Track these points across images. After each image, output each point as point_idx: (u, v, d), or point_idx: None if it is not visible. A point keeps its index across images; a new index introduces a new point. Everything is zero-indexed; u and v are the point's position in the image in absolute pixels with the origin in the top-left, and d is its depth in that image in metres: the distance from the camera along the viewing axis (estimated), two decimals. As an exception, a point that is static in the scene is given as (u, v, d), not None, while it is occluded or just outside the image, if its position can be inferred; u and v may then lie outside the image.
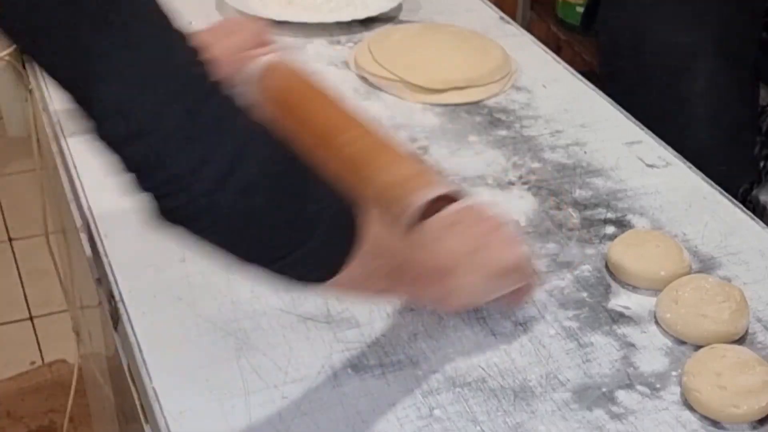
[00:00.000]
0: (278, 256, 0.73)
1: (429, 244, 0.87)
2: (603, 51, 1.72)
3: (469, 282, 0.89)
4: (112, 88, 0.65)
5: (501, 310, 0.94)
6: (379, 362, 0.89)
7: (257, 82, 1.11)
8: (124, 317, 0.93)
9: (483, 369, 0.89)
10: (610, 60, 1.69)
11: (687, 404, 0.86)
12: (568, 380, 0.88)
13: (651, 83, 1.60)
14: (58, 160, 1.22)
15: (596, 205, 1.11)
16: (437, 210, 0.91)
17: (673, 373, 0.89)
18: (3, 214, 2.78)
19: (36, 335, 2.39)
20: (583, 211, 1.10)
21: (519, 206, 1.10)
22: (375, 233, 0.77)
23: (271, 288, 0.96)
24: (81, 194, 1.09)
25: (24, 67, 1.47)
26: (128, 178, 0.69)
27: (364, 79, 1.34)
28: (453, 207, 0.92)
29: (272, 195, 0.70)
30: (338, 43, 1.44)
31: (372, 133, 1.01)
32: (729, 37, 1.59)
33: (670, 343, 0.93)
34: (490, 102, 1.31)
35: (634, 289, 0.99)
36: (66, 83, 0.68)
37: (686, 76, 1.57)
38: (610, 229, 1.07)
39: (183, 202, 0.68)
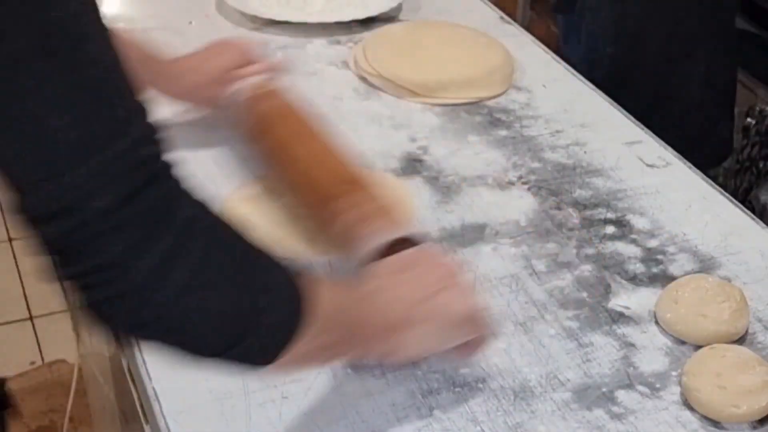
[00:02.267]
0: (220, 350, 0.67)
1: (377, 294, 0.81)
2: (590, 38, 1.72)
3: (419, 334, 0.82)
4: (43, 155, 0.58)
5: (450, 364, 0.89)
6: (379, 362, 0.89)
7: (244, 105, 1.12)
8: (124, 317, 0.93)
9: (483, 369, 0.89)
10: (598, 47, 1.69)
11: (687, 404, 0.86)
12: (568, 380, 0.88)
13: (648, 70, 1.61)
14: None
15: (596, 205, 1.11)
16: (395, 251, 0.86)
17: (673, 373, 0.89)
18: (3, 214, 2.78)
19: (36, 335, 2.39)
20: (583, 211, 1.10)
21: (519, 206, 1.10)
22: (323, 308, 0.71)
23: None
24: (81, 194, 1.09)
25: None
26: (51, 260, 0.61)
27: (364, 79, 1.34)
28: (406, 252, 0.86)
29: (214, 290, 0.64)
30: (338, 43, 1.44)
31: (346, 169, 0.98)
32: (721, 22, 1.63)
33: (670, 343, 0.93)
34: (490, 102, 1.31)
35: (635, 288, 0.99)
36: None
37: (687, 62, 1.59)
38: (610, 229, 1.07)
39: (112, 294, 0.61)
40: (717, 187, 1.15)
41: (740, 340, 0.93)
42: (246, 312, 0.67)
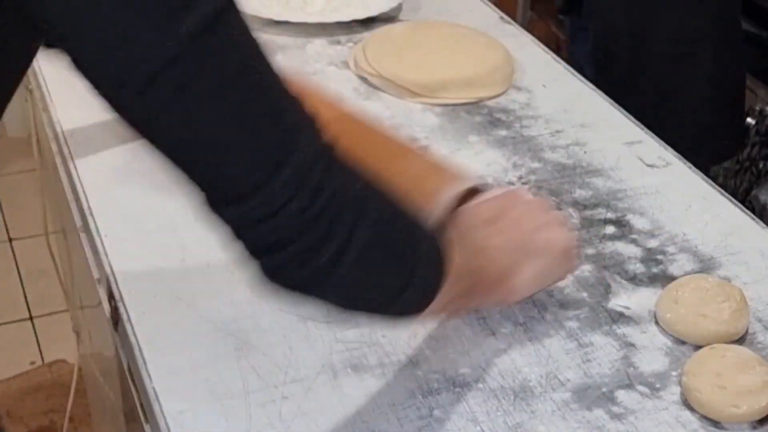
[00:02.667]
0: (386, 302, 0.77)
1: (484, 245, 0.86)
2: (596, 37, 1.73)
3: (528, 274, 0.90)
4: (242, 167, 0.66)
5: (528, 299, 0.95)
6: (379, 362, 0.89)
7: None
8: (124, 317, 0.93)
9: (483, 369, 0.89)
10: (605, 46, 1.70)
11: (687, 404, 0.86)
12: (568, 380, 0.88)
13: (654, 68, 1.62)
14: (58, 160, 1.22)
15: (596, 205, 1.11)
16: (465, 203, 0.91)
17: (673, 373, 0.89)
18: (3, 214, 2.78)
19: (36, 335, 2.39)
20: (583, 211, 1.10)
21: (519, 206, 1.10)
22: (453, 262, 0.79)
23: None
24: (81, 194, 1.09)
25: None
26: (240, 246, 0.69)
27: (364, 79, 1.34)
28: (491, 198, 0.91)
29: (383, 256, 0.73)
30: (338, 43, 1.44)
31: (389, 138, 1.00)
32: (726, 20, 1.63)
33: (670, 343, 0.93)
34: (490, 102, 1.31)
35: (635, 288, 0.99)
36: (181, 155, 0.67)
37: (691, 60, 1.60)
38: (610, 229, 1.07)
39: (303, 275, 0.70)
40: (717, 187, 1.15)
41: (740, 340, 0.93)
42: (406, 271, 0.75)
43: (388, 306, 0.78)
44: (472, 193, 0.92)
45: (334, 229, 0.68)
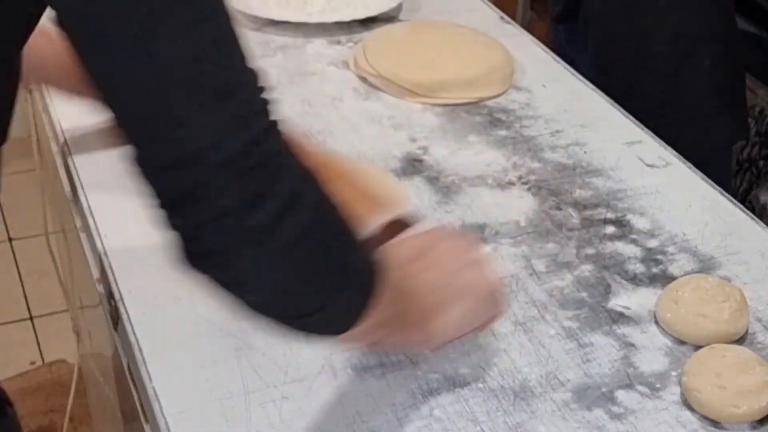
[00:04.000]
0: (312, 307, 0.68)
1: (406, 284, 0.79)
2: (596, 44, 1.73)
3: (452, 317, 0.83)
4: (166, 107, 0.59)
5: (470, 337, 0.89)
6: (379, 362, 0.89)
7: None
8: (124, 317, 0.93)
9: (483, 369, 0.89)
10: (606, 52, 1.70)
11: (687, 404, 0.86)
12: (568, 380, 0.88)
13: (656, 71, 1.62)
14: (58, 160, 1.22)
15: (596, 205, 1.11)
16: (390, 237, 0.85)
17: (673, 373, 0.89)
18: (3, 214, 2.78)
19: (36, 335, 2.39)
20: (583, 211, 1.10)
21: (519, 206, 1.10)
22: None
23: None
24: (81, 194, 1.09)
25: (24, 67, 1.47)
26: (161, 212, 0.62)
27: (363, 79, 1.34)
28: (415, 235, 0.86)
29: (318, 247, 0.65)
30: (338, 43, 1.44)
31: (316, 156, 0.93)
32: (724, 13, 1.64)
33: (670, 343, 0.93)
34: (490, 102, 1.31)
35: (635, 288, 0.99)
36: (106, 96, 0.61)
37: (693, 60, 1.60)
38: (610, 229, 1.07)
39: (223, 241, 0.61)
40: (717, 187, 1.15)
41: (740, 340, 0.93)
42: (339, 273, 0.67)
43: (312, 314, 0.68)
44: (399, 225, 0.88)
45: (266, 196, 0.60)
